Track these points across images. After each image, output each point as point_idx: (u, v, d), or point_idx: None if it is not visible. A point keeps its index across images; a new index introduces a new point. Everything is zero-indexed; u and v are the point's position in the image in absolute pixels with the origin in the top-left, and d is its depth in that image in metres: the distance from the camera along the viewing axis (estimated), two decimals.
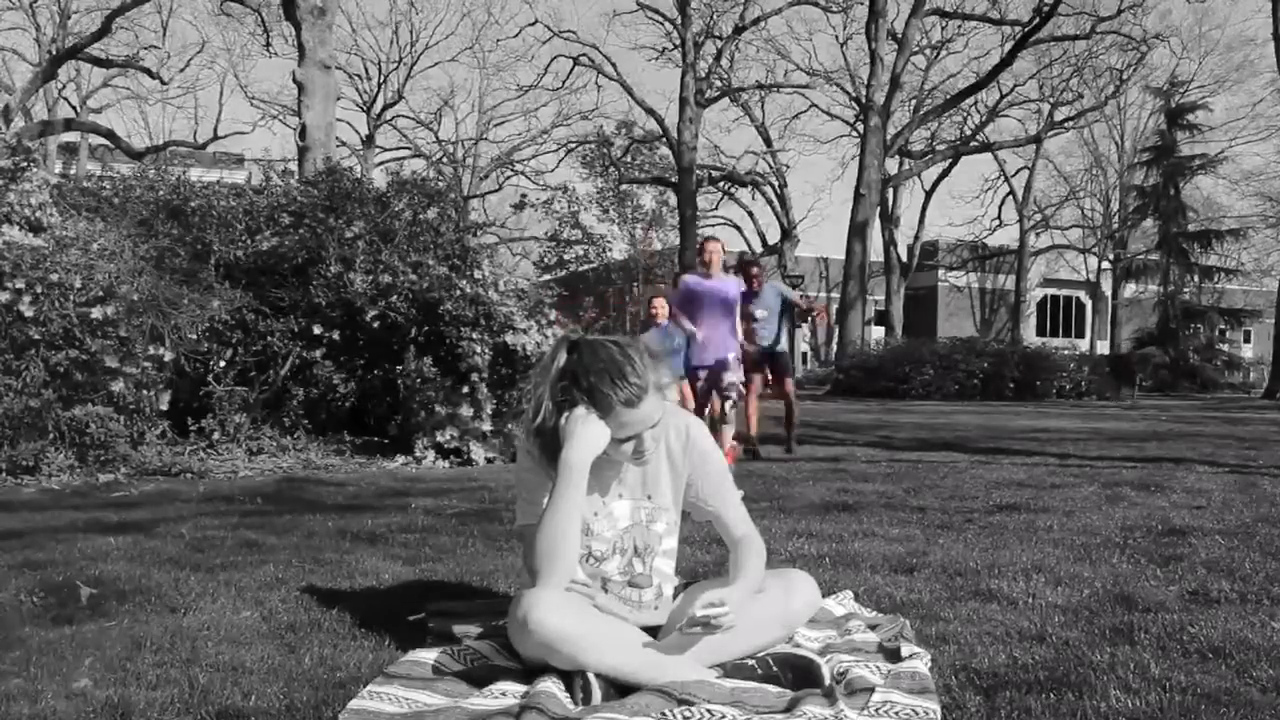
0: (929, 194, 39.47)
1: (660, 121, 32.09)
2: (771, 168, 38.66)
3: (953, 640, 2.52)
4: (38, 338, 5.98)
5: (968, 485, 5.88)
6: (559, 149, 38.09)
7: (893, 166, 32.74)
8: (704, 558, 3.54)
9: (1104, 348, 37.47)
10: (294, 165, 12.29)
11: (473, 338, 7.29)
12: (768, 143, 38.03)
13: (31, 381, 5.87)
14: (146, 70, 27.86)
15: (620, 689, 2.07)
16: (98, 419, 6.05)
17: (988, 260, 41.65)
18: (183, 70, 41.70)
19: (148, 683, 2.18)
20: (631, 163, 38.42)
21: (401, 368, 7.34)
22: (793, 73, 38.71)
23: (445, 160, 38.34)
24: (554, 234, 42.28)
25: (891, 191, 35.60)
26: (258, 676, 2.23)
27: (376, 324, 7.54)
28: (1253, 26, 58.58)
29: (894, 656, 2.32)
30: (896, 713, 1.99)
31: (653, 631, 2.28)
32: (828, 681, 2.11)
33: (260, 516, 4.52)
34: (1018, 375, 22.06)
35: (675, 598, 2.43)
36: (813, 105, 44.27)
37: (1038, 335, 38.63)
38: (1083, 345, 37.92)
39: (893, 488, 5.76)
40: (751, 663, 2.19)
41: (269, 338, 7.36)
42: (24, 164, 6.89)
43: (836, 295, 31.53)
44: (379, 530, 4.20)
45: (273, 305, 7.51)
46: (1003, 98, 34.33)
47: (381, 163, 36.03)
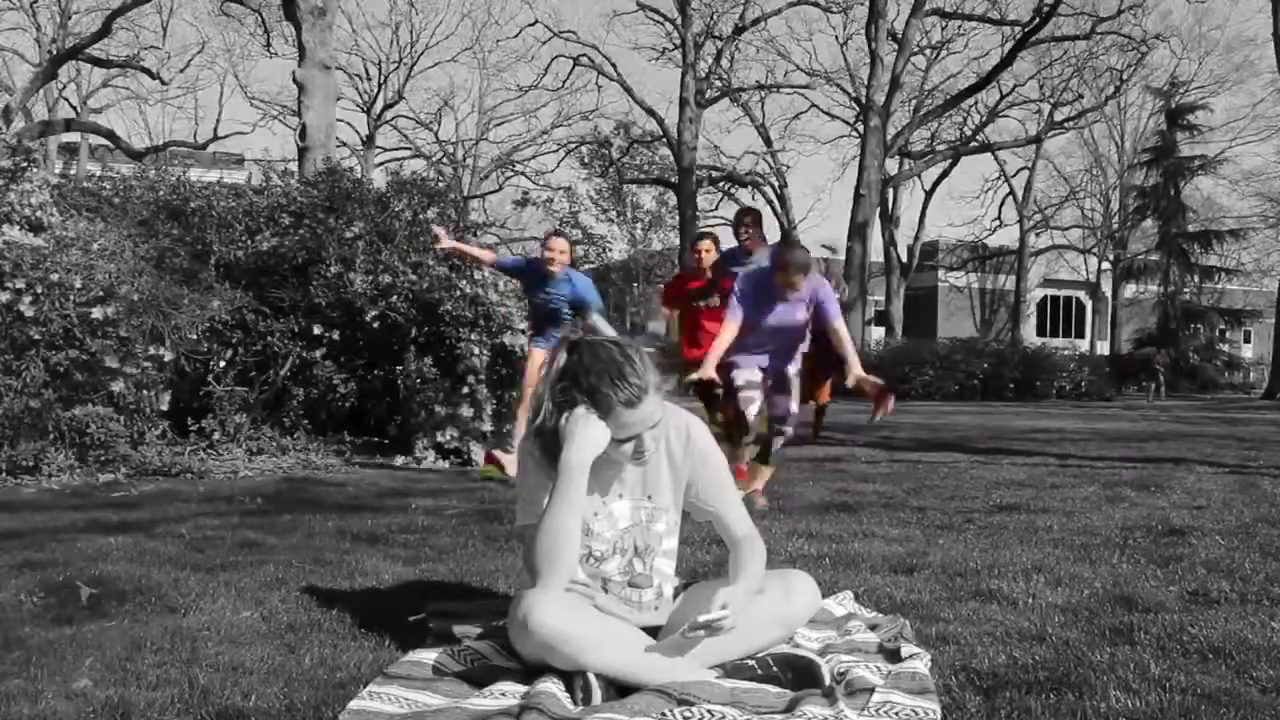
0: (929, 194, 39.42)
1: (660, 122, 32.07)
2: (772, 168, 38.63)
3: (953, 640, 2.53)
4: (38, 338, 5.98)
5: (968, 485, 5.88)
6: (559, 149, 38.07)
7: (893, 167, 32.71)
8: (704, 558, 3.54)
9: (1104, 348, 37.43)
10: (294, 165, 12.27)
11: (472, 338, 7.31)
12: (768, 143, 38.00)
13: (32, 382, 5.87)
14: (147, 70, 27.84)
15: (620, 689, 2.07)
16: (98, 419, 6.05)
17: (988, 260, 41.60)
18: (183, 70, 41.54)
19: (148, 683, 2.18)
20: (631, 163, 38.36)
21: (401, 368, 7.35)
22: (793, 73, 38.66)
23: (445, 160, 38.33)
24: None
25: (892, 192, 35.56)
26: (258, 677, 2.23)
27: (376, 324, 7.54)
28: (1253, 27, 58.58)
29: (894, 657, 2.33)
30: (896, 713, 1.99)
31: (653, 632, 2.28)
32: (828, 682, 2.11)
33: (260, 517, 4.52)
34: (1018, 375, 22.08)
35: (675, 598, 2.43)
36: (813, 106, 44.09)
37: (1038, 335, 38.57)
38: (1083, 346, 37.88)
39: (893, 488, 5.76)
40: (751, 663, 2.19)
41: (269, 338, 7.36)
42: (24, 164, 6.89)
43: (837, 295, 31.47)
44: (379, 530, 4.20)
45: (273, 305, 7.51)
46: (1003, 98, 34.28)
47: (382, 163, 35.99)
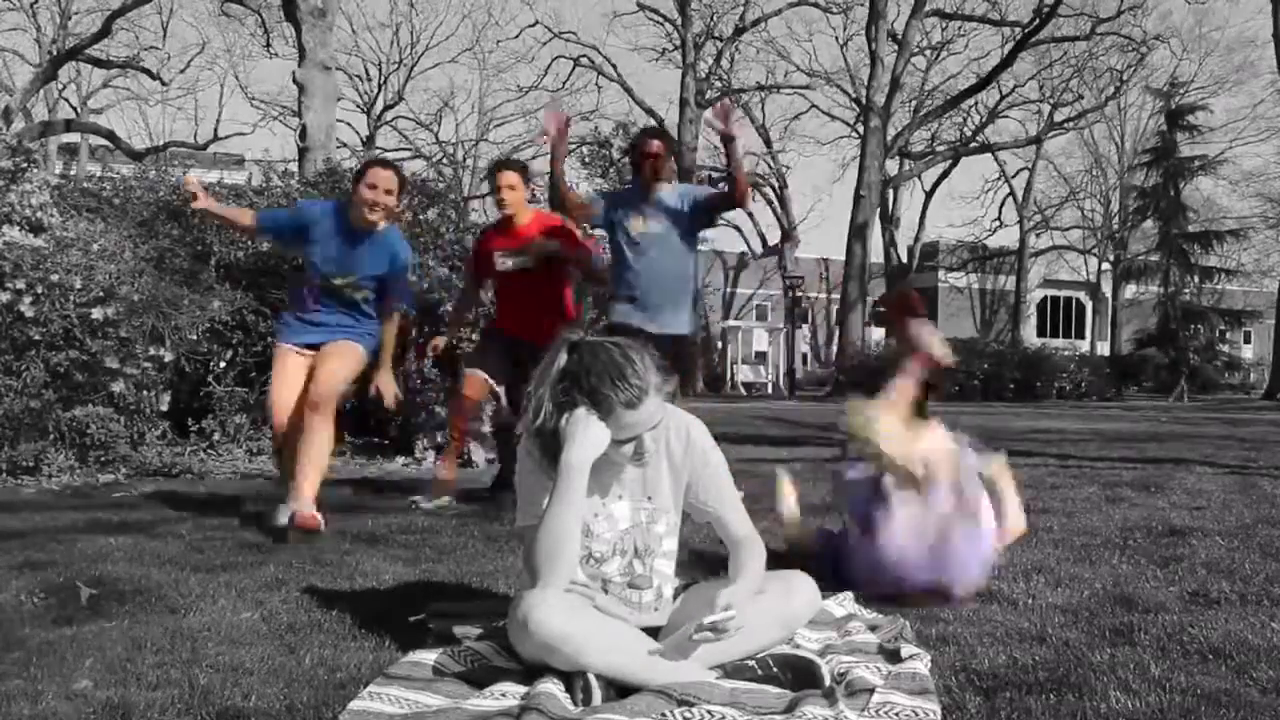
0: (929, 195, 39.42)
1: (660, 122, 32.08)
2: (772, 169, 38.64)
3: (953, 641, 2.52)
4: (38, 338, 5.98)
5: None
6: None
7: (893, 167, 32.72)
8: (704, 559, 3.53)
9: (1104, 349, 37.42)
10: (294, 166, 12.25)
11: (472, 339, 7.30)
12: (768, 144, 38.01)
13: (32, 382, 5.87)
14: (147, 71, 27.87)
15: (620, 690, 2.07)
16: (98, 419, 6.05)
17: (988, 261, 41.59)
18: (183, 71, 41.69)
19: (148, 683, 2.18)
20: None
21: (402, 368, 7.34)
22: (793, 74, 38.63)
23: (445, 161, 38.33)
24: None
25: (892, 192, 35.55)
26: (258, 677, 2.23)
27: None
28: (1253, 27, 58.67)
29: (894, 657, 2.33)
30: (896, 713, 1.99)
31: (653, 633, 2.28)
32: (828, 682, 2.11)
33: (261, 517, 4.52)
34: (1018, 376, 22.09)
35: (675, 599, 2.43)
36: (813, 107, 43.98)
37: (1038, 336, 38.57)
38: (1083, 346, 37.88)
39: None
40: (751, 663, 2.19)
41: (269, 338, 7.36)
42: (24, 165, 6.89)
43: (837, 297, 31.52)
44: (379, 531, 4.20)
45: (273, 306, 7.51)
46: (1003, 99, 34.29)
47: None
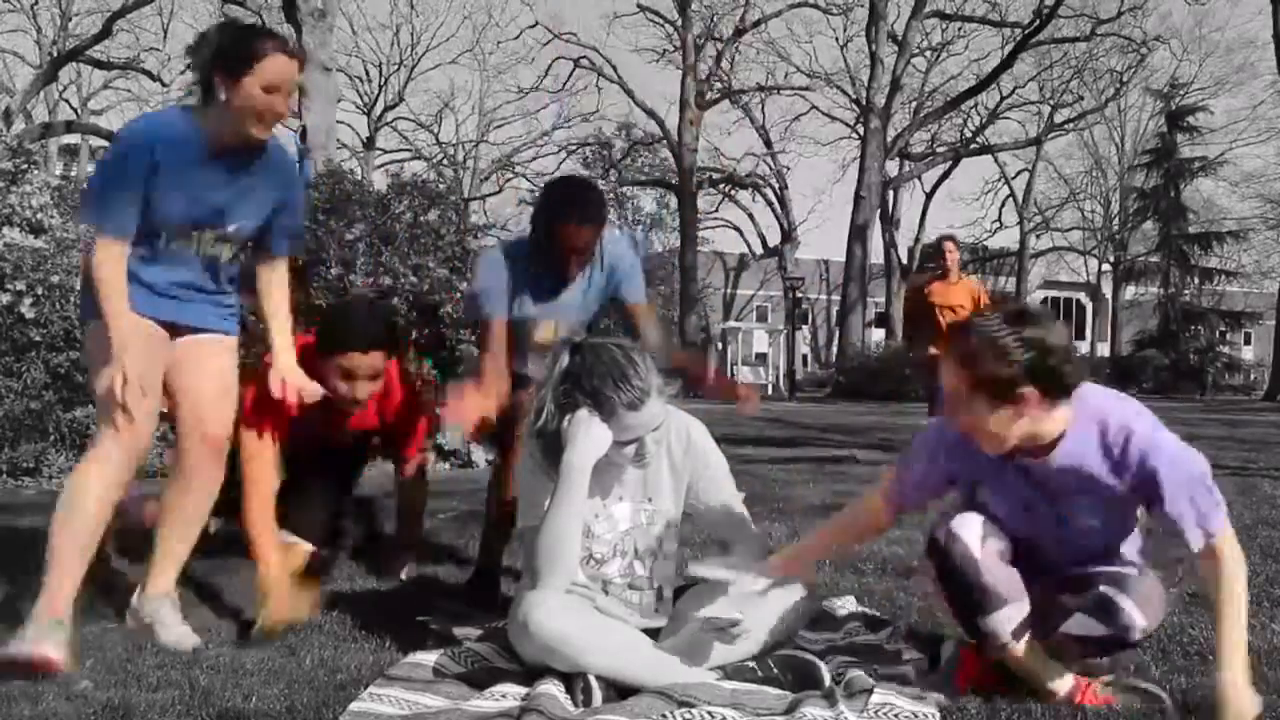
0: (929, 196, 39.35)
1: (661, 124, 32.07)
2: (772, 170, 38.61)
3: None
4: (38, 339, 5.98)
5: None
6: (560, 151, 38.05)
7: (893, 169, 32.70)
8: (703, 560, 3.53)
9: (1104, 350, 37.42)
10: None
11: (472, 340, 7.30)
12: (768, 145, 37.98)
13: (32, 383, 5.87)
14: (147, 73, 27.86)
15: (621, 691, 2.07)
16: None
17: (988, 262, 41.57)
18: (183, 72, 41.65)
19: (148, 684, 2.18)
20: (632, 165, 38.34)
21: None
22: (793, 75, 38.52)
23: (446, 162, 38.33)
24: None
25: (892, 194, 35.51)
26: (258, 678, 2.23)
27: None
28: (1253, 28, 58.59)
29: (896, 658, 2.33)
30: (896, 714, 1.99)
31: (653, 634, 2.28)
32: (828, 683, 2.11)
33: None
34: None
35: (675, 601, 2.43)
36: (813, 108, 43.91)
37: None
38: (1083, 347, 37.89)
39: None
40: (752, 664, 2.19)
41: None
42: (25, 166, 6.90)
43: (837, 298, 31.52)
44: (379, 532, 4.19)
45: None
46: (1003, 100, 34.27)
47: (382, 165, 35.92)
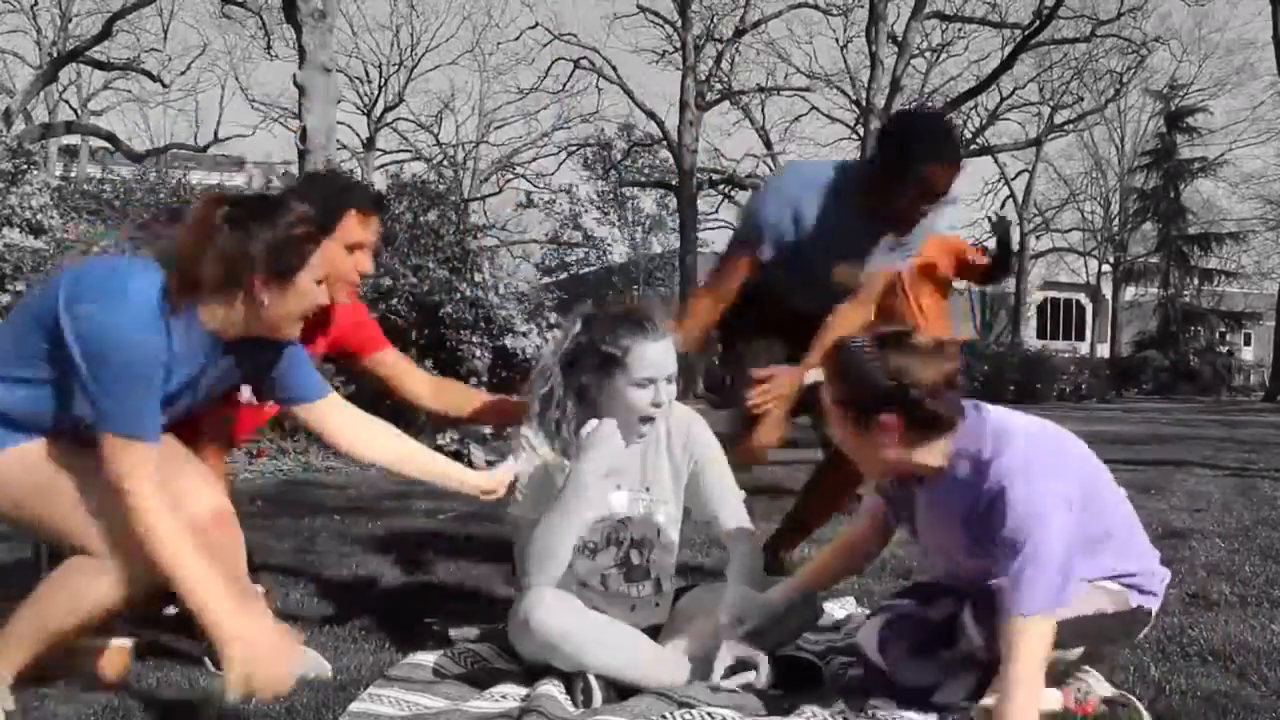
0: None
1: (661, 124, 32.03)
2: (772, 171, 38.64)
3: None
4: None
5: None
6: (560, 152, 38.03)
7: None
8: (703, 560, 3.54)
9: (1104, 351, 37.40)
10: (294, 168, 12.27)
11: (473, 341, 7.31)
12: (768, 146, 37.95)
13: None
14: (147, 73, 27.80)
15: (621, 691, 2.07)
16: None
17: None
18: (184, 73, 41.26)
19: (148, 684, 2.18)
20: (632, 165, 38.33)
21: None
22: (793, 76, 38.55)
23: (446, 163, 38.32)
24: (555, 236, 42.22)
25: None
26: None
27: None
28: (1253, 29, 58.59)
29: None
30: (896, 716, 1.99)
31: (654, 631, 2.28)
32: (828, 683, 2.11)
33: (261, 519, 4.52)
34: (1018, 378, 22.05)
35: (675, 601, 2.43)
36: (813, 109, 43.96)
37: (1038, 338, 38.52)
38: (1083, 348, 37.88)
39: None
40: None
41: None
42: (25, 166, 6.90)
43: None
44: (379, 533, 4.21)
45: None
46: (1003, 101, 34.24)
47: (382, 165, 35.88)
